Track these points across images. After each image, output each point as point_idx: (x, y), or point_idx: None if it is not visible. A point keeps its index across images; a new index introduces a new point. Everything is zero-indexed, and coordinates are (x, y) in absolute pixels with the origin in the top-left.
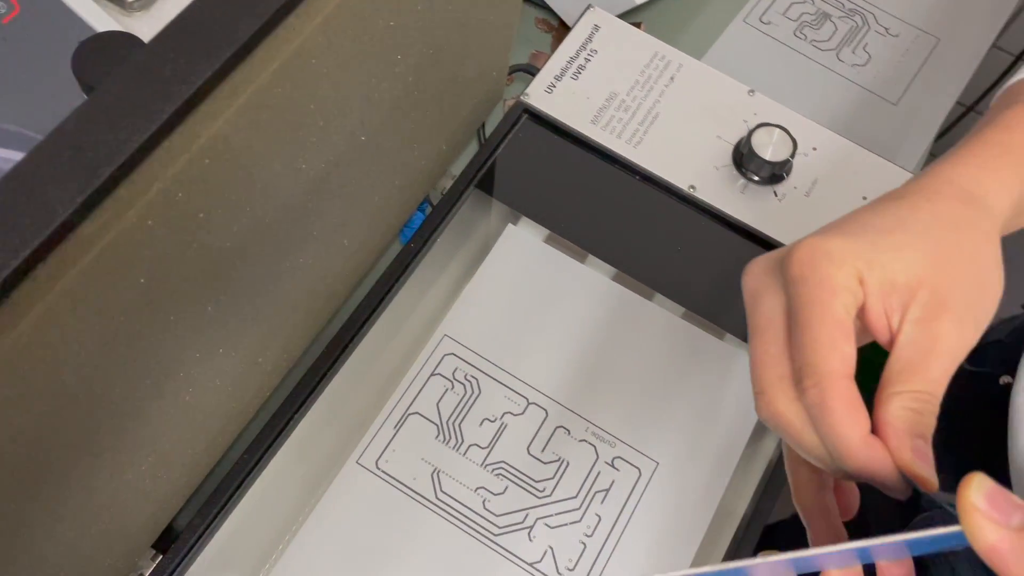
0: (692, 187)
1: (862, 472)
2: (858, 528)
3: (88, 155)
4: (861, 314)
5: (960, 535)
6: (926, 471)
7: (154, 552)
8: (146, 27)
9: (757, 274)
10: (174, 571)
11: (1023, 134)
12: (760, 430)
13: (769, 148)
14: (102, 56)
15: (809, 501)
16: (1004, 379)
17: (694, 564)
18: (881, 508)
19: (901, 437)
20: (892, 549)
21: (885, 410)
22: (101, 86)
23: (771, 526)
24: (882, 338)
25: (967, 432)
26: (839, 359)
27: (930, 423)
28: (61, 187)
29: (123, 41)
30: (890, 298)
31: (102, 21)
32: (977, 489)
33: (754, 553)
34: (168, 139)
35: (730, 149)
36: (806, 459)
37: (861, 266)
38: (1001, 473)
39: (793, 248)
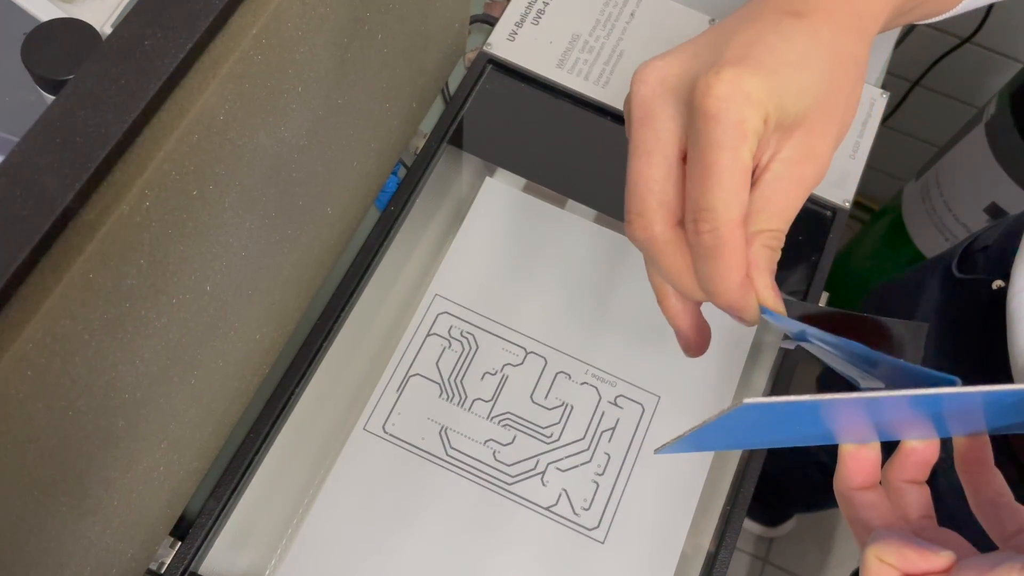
0: None
1: (728, 306)
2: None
3: (78, 140)
4: None
5: None
6: (778, 302)
7: (172, 539)
8: (90, 13)
9: (655, 88)
10: (194, 556)
11: None
12: (756, 352)
13: None
14: (52, 45)
15: (676, 307)
16: (997, 283)
17: (705, 489)
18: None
19: (764, 275)
20: (971, 404)
21: (750, 249)
22: (82, 67)
23: None
24: None
25: (964, 336)
26: (738, 206)
27: (778, 257)
28: (56, 175)
29: (73, 28)
30: (772, 135)
31: (45, 10)
32: None
33: (762, 473)
34: (156, 116)
35: None
36: (665, 279)
37: (771, 108)
38: (1001, 373)
39: (710, 80)
